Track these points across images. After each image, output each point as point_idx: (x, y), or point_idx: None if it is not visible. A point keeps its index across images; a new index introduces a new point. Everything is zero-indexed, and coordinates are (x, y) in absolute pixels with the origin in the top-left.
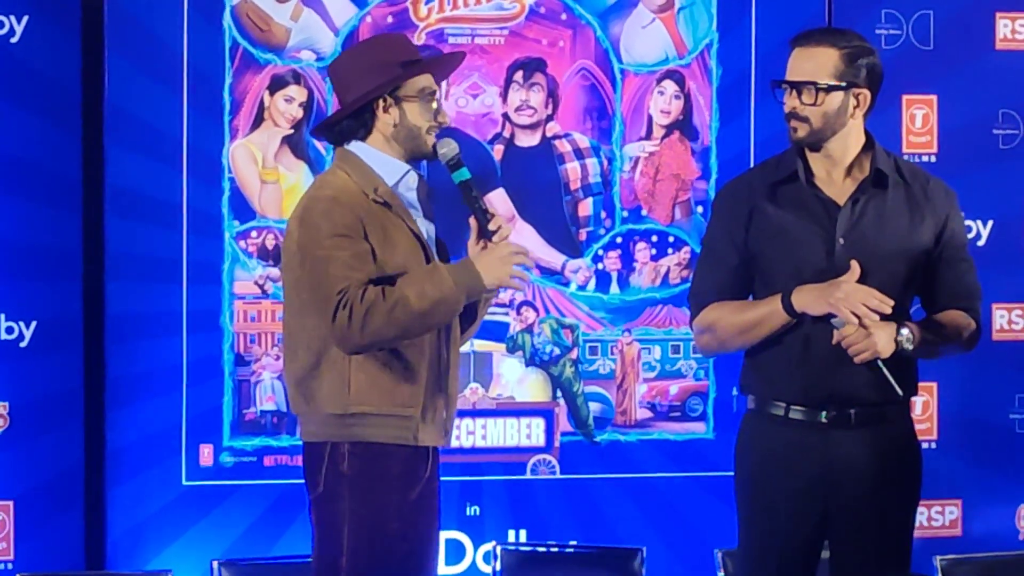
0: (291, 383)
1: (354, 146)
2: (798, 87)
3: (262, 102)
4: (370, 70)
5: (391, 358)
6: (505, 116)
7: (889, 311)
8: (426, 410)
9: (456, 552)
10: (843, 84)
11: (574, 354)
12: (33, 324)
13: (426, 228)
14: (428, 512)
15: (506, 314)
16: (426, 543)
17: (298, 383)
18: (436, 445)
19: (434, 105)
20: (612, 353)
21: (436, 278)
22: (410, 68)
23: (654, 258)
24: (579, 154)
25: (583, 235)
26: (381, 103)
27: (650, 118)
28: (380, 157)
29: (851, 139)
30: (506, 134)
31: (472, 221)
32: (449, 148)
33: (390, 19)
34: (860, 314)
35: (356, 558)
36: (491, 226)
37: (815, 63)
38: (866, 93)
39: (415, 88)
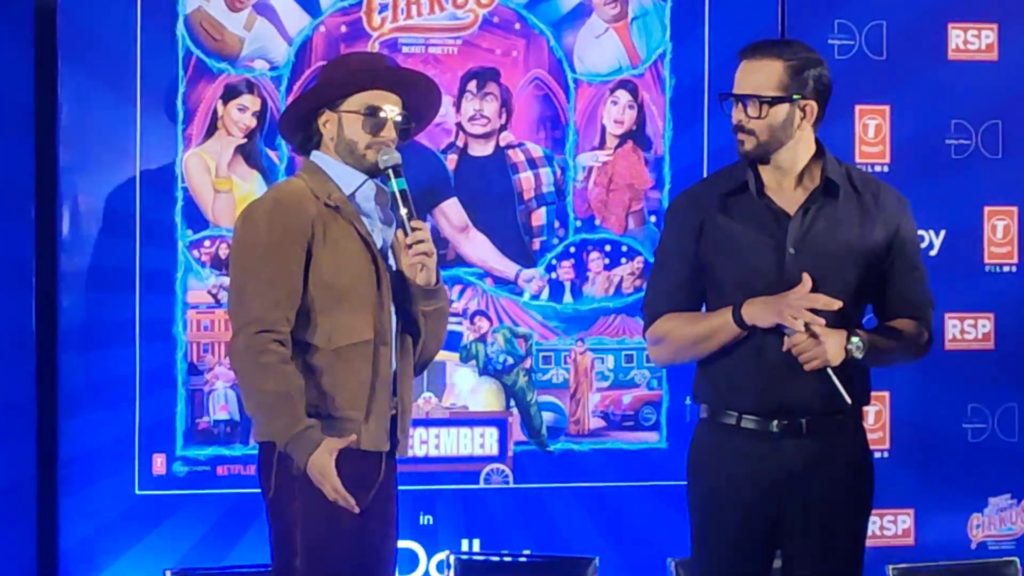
0: (239, 382)
1: (316, 156)
2: (744, 100)
3: (215, 111)
4: (320, 83)
5: (334, 362)
6: (458, 126)
7: (838, 306)
8: (370, 415)
9: (410, 561)
10: (788, 96)
11: (527, 363)
12: None
13: (382, 234)
14: (384, 519)
15: (459, 323)
16: (381, 549)
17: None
18: (380, 450)
19: (381, 121)
20: (565, 362)
21: (287, 419)
22: (344, 86)
23: (607, 267)
24: (532, 164)
25: (536, 244)
26: (322, 115)
27: (603, 128)
28: (338, 167)
29: (800, 149)
30: (459, 144)
31: (400, 234)
32: (391, 156)
33: (344, 28)
34: (807, 320)
35: (311, 559)
36: (408, 240)
37: (761, 76)
38: (813, 104)
39: (357, 103)
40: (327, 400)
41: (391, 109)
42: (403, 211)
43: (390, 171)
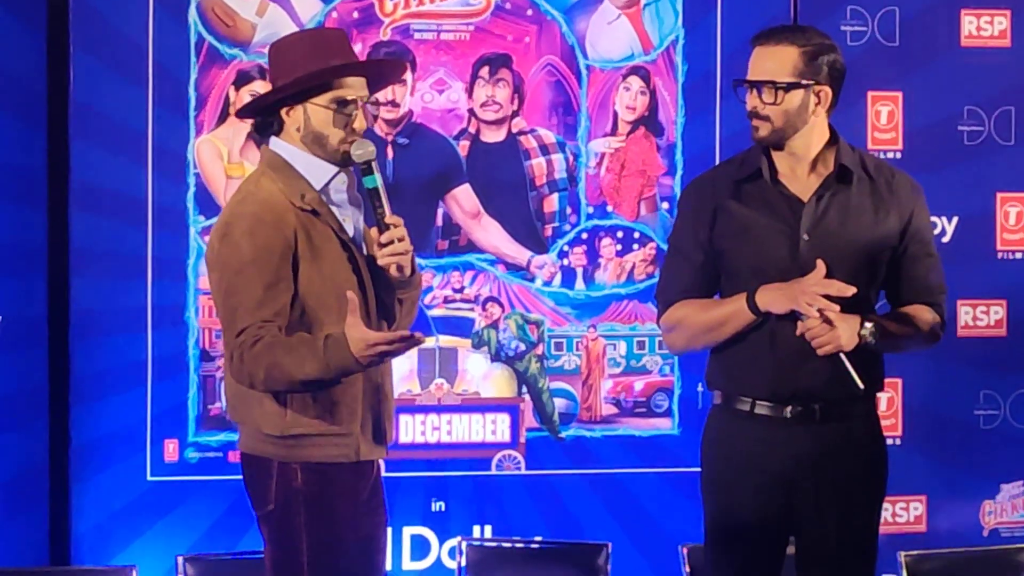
0: (227, 392)
1: (279, 146)
2: (759, 86)
3: (227, 97)
4: (283, 70)
5: None
6: (471, 112)
7: (851, 292)
8: (365, 424)
9: (421, 548)
10: (803, 82)
11: (539, 350)
12: None
13: (353, 221)
14: (375, 511)
15: (471, 310)
16: (376, 541)
17: (233, 394)
18: (376, 459)
19: (351, 114)
20: (577, 349)
21: (314, 354)
22: (312, 82)
23: (619, 254)
24: (545, 150)
25: (548, 231)
26: (285, 106)
27: (615, 114)
28: (306, 159)
29: (814, 136)
30: (472, 130)
31: (374, 231)
32: (364, 150)
33: (356, 14)
34: (821, 306)
35: (319, 570)
36: (383, 238)
37: (775, 62)
38: (827, 90)
39: (325, 98)
40: (326, 417)
41: (360, 97)
42: (378, 210)
43: (364, 166)
